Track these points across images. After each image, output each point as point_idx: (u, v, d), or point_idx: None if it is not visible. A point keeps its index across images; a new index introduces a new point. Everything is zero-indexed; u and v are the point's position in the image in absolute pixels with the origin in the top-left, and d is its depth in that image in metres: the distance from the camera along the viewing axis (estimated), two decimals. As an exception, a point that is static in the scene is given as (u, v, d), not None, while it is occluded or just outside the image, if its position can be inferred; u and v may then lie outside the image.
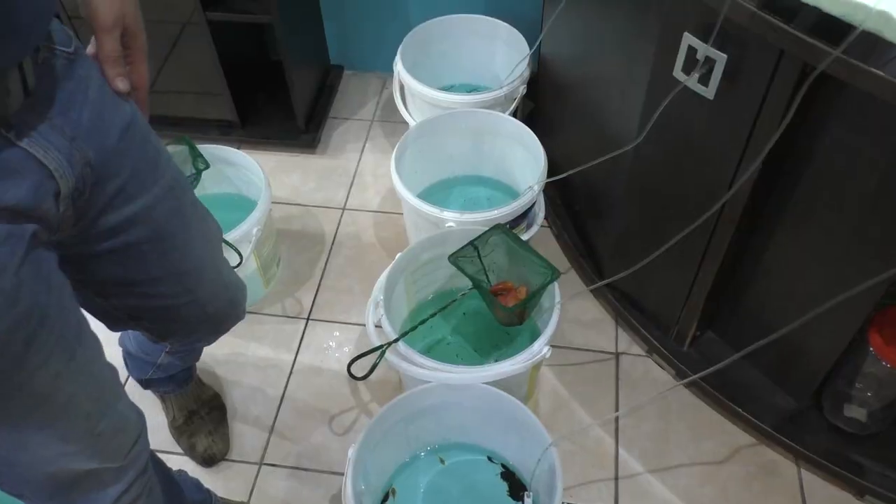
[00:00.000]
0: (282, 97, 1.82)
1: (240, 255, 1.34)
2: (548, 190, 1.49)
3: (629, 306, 1.44)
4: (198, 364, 1.31)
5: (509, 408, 1.10)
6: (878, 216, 0.96)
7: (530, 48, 1.66)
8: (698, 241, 1.19)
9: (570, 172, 1.31)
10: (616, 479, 1.27)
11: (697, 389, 1.37)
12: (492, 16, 1.74)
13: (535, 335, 1.36)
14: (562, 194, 1.64)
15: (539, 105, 1.75)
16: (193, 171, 1.43)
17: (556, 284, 1.20)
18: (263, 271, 1.53)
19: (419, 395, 1.11)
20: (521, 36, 1.69)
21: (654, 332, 1.41)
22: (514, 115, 1.62)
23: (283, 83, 1.76)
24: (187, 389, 1.31)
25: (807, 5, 0.81)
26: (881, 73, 0.75)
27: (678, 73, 1.01)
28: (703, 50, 0.94)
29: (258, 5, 1.60)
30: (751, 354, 1.34)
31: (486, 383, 1.11)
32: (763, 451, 1.31)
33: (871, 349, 1.15)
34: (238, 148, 1.54)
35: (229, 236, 1.34)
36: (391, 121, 1.93)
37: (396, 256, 1.28)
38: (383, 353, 1.12)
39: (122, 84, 0.71)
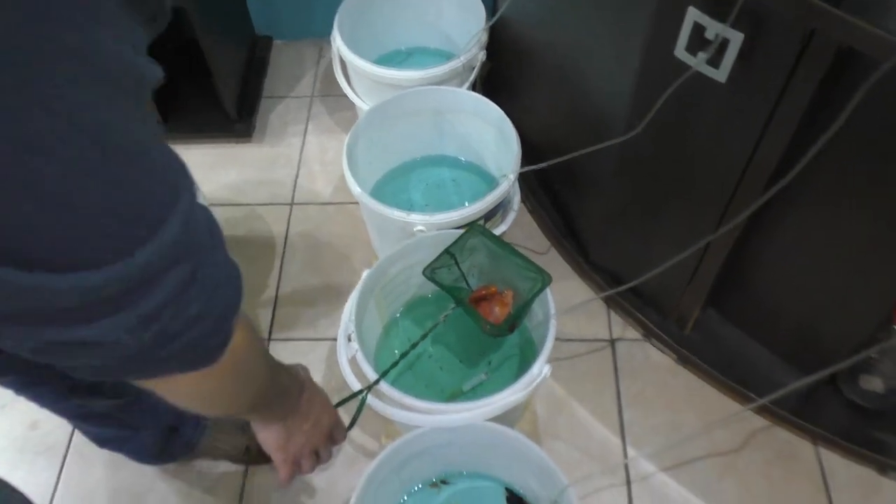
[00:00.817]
0: (206, 81, 1.59)
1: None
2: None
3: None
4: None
5: (515, 445, 0.99)
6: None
7: (483, 4, 1.47)
8: (706, 225, 1.06)
9: (553, 162, 1.16)
10: (628, 483, 1.18)
11: (702, 373, 1.27)
12: (435, -32, 1.54)
13: (524, 336, 1.24)
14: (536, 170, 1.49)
15: (498, 65, 1.56)
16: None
17: (549, 293, 1.06)
18: (212, 293, 1.35)
19: (410, 441, 0.98)
20: (470, -12, 1.49)
21: (651, 317, 1.30)
22: (474, 85, 1.45)
23: (205, 65, 1.53)
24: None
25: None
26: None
27: (681, 52, 0.85)
28: (716, 29, 0.78)
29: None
30: (759, 333, 1.26)
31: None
32: (778, 433, 1.23)
33: (896, 327, 1.06)
34: (163, 149, 1.34)
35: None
36: (333, 94, 1.72)
37: (363, 275, 1.12)
38: (364, 401, 0.98)
39: None
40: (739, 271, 1.16)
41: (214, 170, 1.61)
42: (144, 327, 0.41)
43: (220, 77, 1.55)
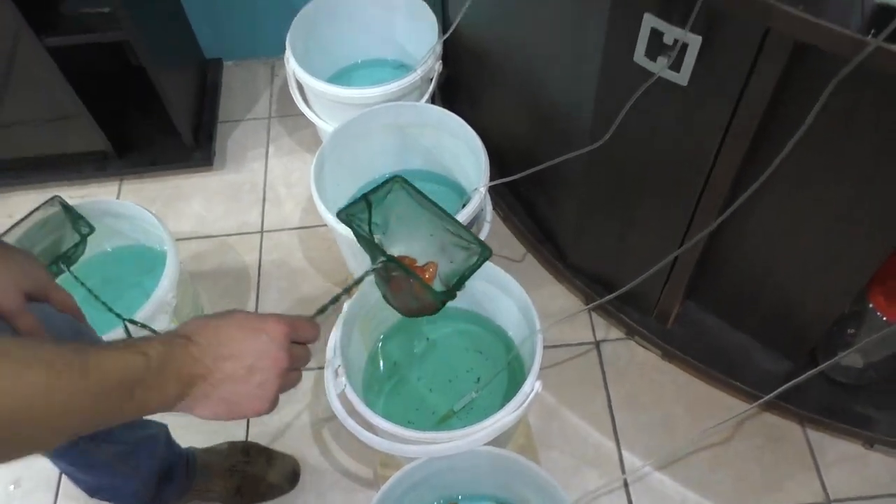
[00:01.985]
0: (158, 110, 1.55)
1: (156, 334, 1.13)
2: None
3: (602, 291, 1.32)
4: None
5: (514, 467, 0.98)
6: (879, 179, 0.86)
7: (434, 13, 1.45)
8: (679, 221, 1.06)
9: (523, 174, 1.15)
10: (626, 485, 1.19)
11: (688, 366, 1.28)
12: (382, -20, 1.51)
13: (510, 349, 1.23)
14: (502, 174, 1.48)
15: (455, 72, 1.55)
16: (77, 237, 1.19)
17: (534, 311, 1.05)
18: (188, 333, 1.32)
19: (409, 473, 0.97)
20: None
21: (633, 315, 1.30)
22: (433, 95, 1.43)
23: (157, 94, 1.49)
24: (195, 457, 1.15)
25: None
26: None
27: (640, 58, 0.85)
28: (674, 34, 0.78)
29: (104, 20, 1.32)
30: (738, 320, 1.27)
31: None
32: (766, 418, 1.24)
33: (871, 306, 1.07)
34: (121, 181, 1.30)
35: (140, 315, 1.13)
36: (291, 114, 1.69)
37: (344, 305, 1.10)
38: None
39: None
40: (715, 261, 1.17)
41: (179, 202, 1.57)
42: None
43: (173, 105, 1.51)
